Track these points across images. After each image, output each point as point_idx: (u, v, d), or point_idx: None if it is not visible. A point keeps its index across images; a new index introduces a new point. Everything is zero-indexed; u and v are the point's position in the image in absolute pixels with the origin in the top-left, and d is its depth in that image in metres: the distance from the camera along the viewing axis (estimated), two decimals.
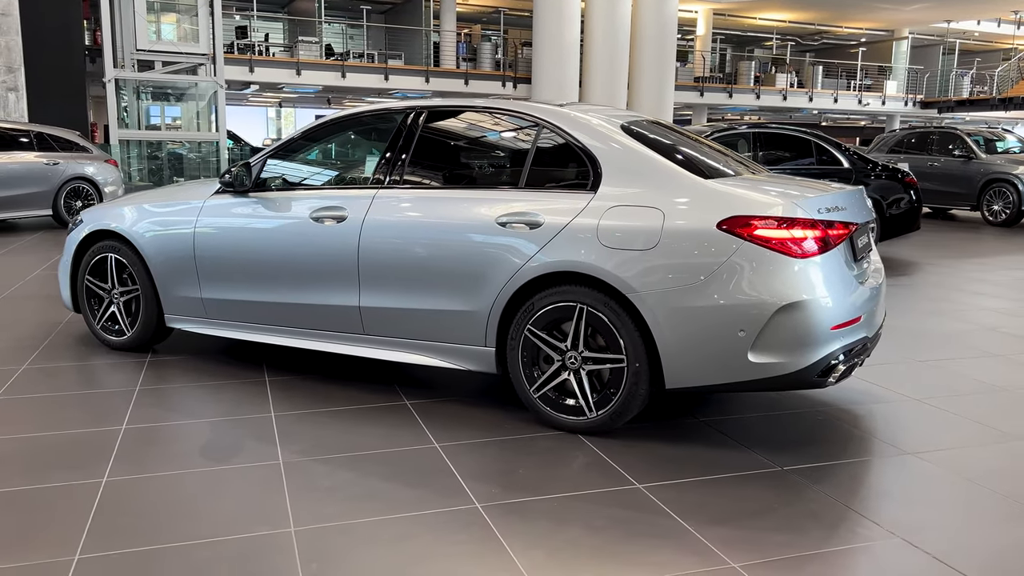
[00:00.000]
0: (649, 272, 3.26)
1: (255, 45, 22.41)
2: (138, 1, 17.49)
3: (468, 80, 23.44)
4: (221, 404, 3.85)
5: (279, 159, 4.34)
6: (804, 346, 3.15)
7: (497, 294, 3.56)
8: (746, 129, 9.08)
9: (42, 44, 17.58)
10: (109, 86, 17.55)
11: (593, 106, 4.13)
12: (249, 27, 23.08)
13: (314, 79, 21.84)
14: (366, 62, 23.17)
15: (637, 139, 3.59)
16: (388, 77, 22.36)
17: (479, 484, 2.97)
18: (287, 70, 21.61)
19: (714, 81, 28.71)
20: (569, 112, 3.74)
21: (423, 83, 22.74)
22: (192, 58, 18.08)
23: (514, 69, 24.25)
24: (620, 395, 3.36)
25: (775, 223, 3.17)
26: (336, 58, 23.19)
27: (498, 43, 25.61)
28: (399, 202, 3.84)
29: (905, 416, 3.84)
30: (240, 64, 21.10)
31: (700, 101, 27.73)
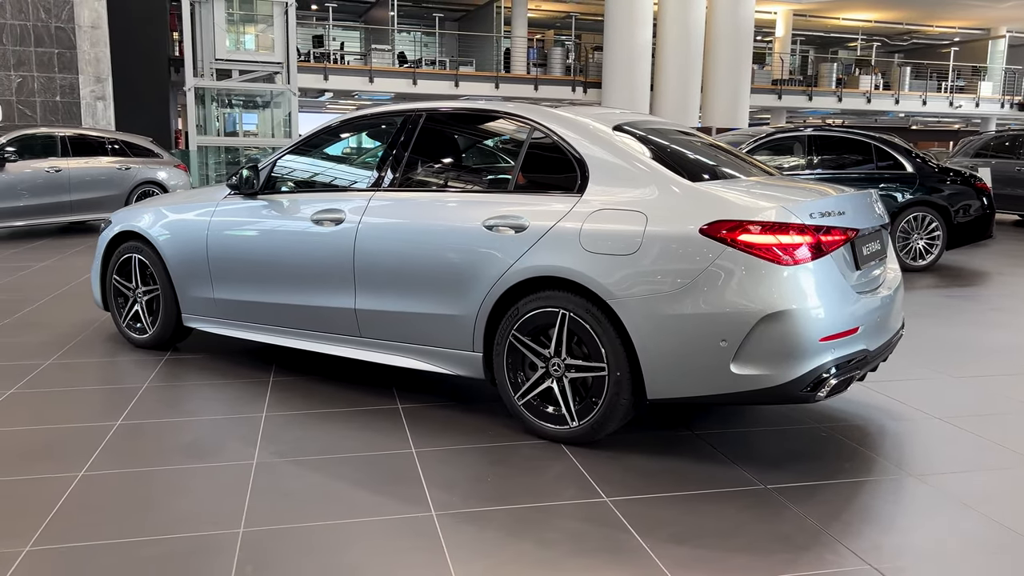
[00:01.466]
0: (630, 278, 3.15)
1: (331, 54, 22.95)
2: (218, 13, 18.14)
3: (538, 85, 23.45)
4: (219, 403, 3.92)
5: (288, 162, 4.40)
6: (790, 358, 2.98)
7: (483, 298, 3.51)
8: (801, 133, 8.76)
9: (129, 55, 18.44)
10: (189, 94, 18.26)
11: (596, 107, 4.04)
12: (326, 36, 23.65)
13: (386, 86, 22.21)
14: (437, 69, 23.43)
15: (628, 141, 3.49)
16: (458, 83, 22.55)
17: (442, 492, 2.92)
18: (360, 78, 22.04)
19: (793, 84, 27.90)
20: (560, 113, 3.66)
21: (493, 89, 22.85)
22: (267, 66, 18.65)
23: (584, 74, 24.13)
24: (601, 405, 3.26)
25: (760, 228, 3.02)
26: (409, 65, 23.55)
27: (569, 48, 25.52)
28: (394, 205, 3.84)
29: (920, 435, 3.61)
30: (315, 72, 21.65)
31: (778, 104, 27.01)
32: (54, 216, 10.66)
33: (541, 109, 3.71)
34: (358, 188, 4.06)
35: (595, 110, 3.91)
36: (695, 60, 22.99)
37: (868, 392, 4.17)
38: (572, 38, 26.36)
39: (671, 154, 3.54)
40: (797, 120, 31.65)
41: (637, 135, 3.61)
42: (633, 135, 3.60)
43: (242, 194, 4.36)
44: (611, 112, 3.90)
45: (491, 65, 24.46)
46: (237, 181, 4.29)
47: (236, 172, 4.31)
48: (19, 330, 5.32)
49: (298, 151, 4.41)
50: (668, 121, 4.33)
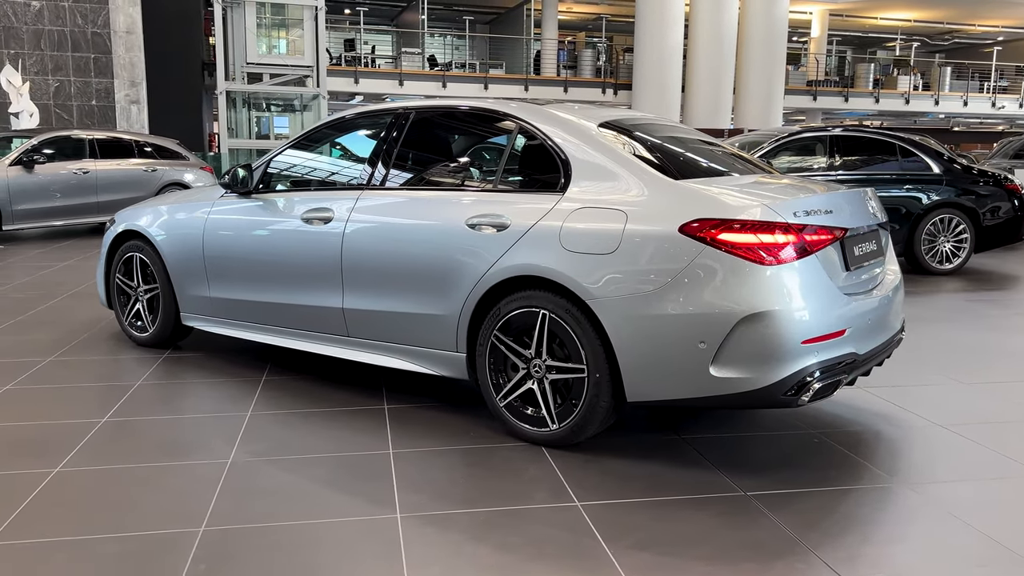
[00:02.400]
0: (609, 277, 3.08)
1: (361, 57, 23.14)
2: (249, 17, 18.37)
3: (567, 88, 23.39)
4: (207, 400, 3.92)
5: (282, 161, 4.40)
6: (770, 361, 2.89)
7: (466, 298, 3.46)
8: (823, 133, 8.57)
9: (163, 59, 18.75)
10: (220, 98, 18.52)
11: (588, 105, 3.98)
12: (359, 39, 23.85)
13: (416, 89, 22.32)
14: (467, 72, 23.48)
15: (613, 138, 3.42)
16: (487, 86, 22.59)
17: (412, 494, 2.88)
18: (390, 80, 22.19)
19: (829, 85, 27.46)
20: (545, 110, 3.61)
21: (522, 91, 22.84)
22: (297, 70, 18.84)
23: (615, 75, 24.00)
24: (581, 407, 3.19)
25: (741, 226, 2.93)
26: (439, 69, 23.64)
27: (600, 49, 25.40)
28: (381, 203, 3.81)
29: (917, 443, 3.48)
30: (346, 76, 21.85)
31: (813, 106, 26.62)
32: (82, 217, 10.86)
33: (526, 106, 3.66)
34: (347, 187, 4.04)
35: (585, 108, 3.85)
36: (727, 61, 22.74)
37: (869, 397, 4.04)
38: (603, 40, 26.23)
39: (657, 152, 3.46)
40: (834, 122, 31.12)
41: (624, 132, 3.54)
42: (620, 132, 3.53)
43: (237, 193, 4.37)
44: (600, 109, 3.83)
45: (521, 68, 24.45)
46: (230, 180, 4.30)
47: (229, 171, 4.32)
48: (28, 327, 5.40)
49: (292, 150, 4.41)
50: (665, 119, 4.25)
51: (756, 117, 23.27)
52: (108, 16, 17.66)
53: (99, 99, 17.78)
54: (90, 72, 17.70)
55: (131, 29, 17.85)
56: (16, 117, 15.25)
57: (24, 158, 10.32)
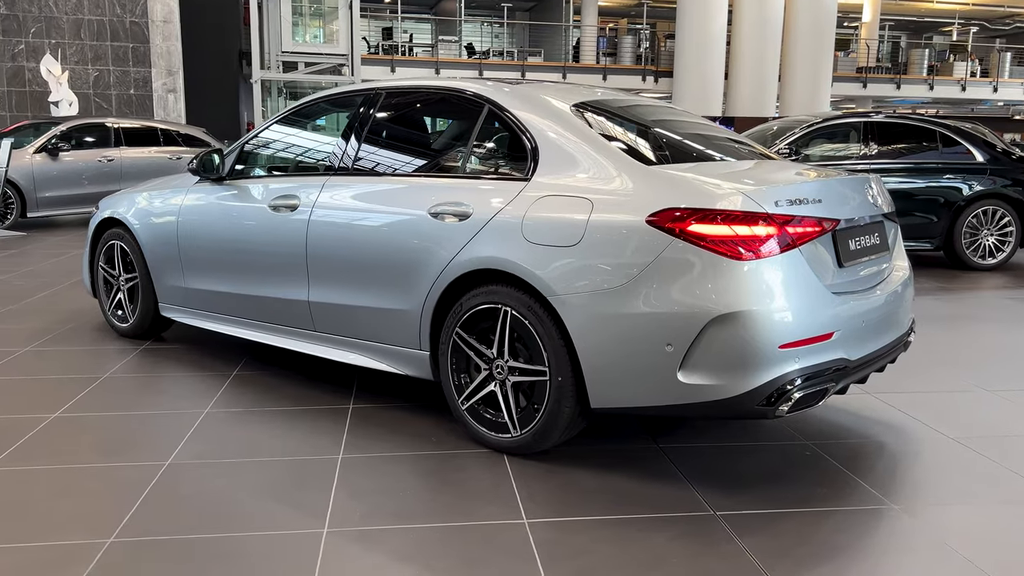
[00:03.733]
0: (571, 272, 2.81)
1: (399, 46, 23.01)
2: (284, 6, 18.35)
3: (606, 75, 22.96)
4: (167, 397, 3.75)
5: (254, 145, 4.21)
6: (743, 367, 2.59)
7: (428, 292, 3.22)
8: (856, 119, 8.11)
9: (200, 48, 18.84)
10: (256, 86, 18.54)
11: (567, 85, 3.69)
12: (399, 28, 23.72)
13: None
14: (504, 60, 23.20)
15: (585, 121, 3.13)
16: (524, 74, 22.26)
17: (347, 506, 2.65)
18: (426, 69, 22.02)
19: (880, 71, 26.51)
20: (514, 90, 3.34)
21: (560, 79, 22.45)
22: (332, 59, 18.76)
23: (656, 63, 23.48)
24: (543, 413, 2.93)
25: (714, 217, 2.63)
26: (477, 57, 23.39)
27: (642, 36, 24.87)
28: (345, 190, 3.58)
29: (923, 459, 3.14)
30: (383, 64, 21.74)
31: (863, 93, 25.72)
32: None
33: (495, 85, 3.39)
34: (314, 172, 3.83)
35: (562, 87, 3.56)
36: (772, 47, 22.03)
37: (878, 405, 3.70)
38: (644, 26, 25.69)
39: (635, 136, 3.18)
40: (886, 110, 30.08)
41: (601, 114, 3.26)
42: (596, 114, 3.24)
43: (210, 179, 4.19)
44: (579, 89, 3.55)
45: (560, 55, 24.09)
46: (197, 165, 4.12)
47: (198, 155, 4.14)
48: (18, 316, 5.32)
49: (266, 133, 4.21)
50: (660, 103, 3.95)
51: (802, 105, 22.53)
52: (146, 5, 17.78)
53: (137, 88, 17.94)
54: (128, 61, 17.86)
55: (168, 18, 17.95)
56: (56, 106, 15.40)
57: (49, 145, 10.38)
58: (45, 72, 15.65)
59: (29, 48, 17.22)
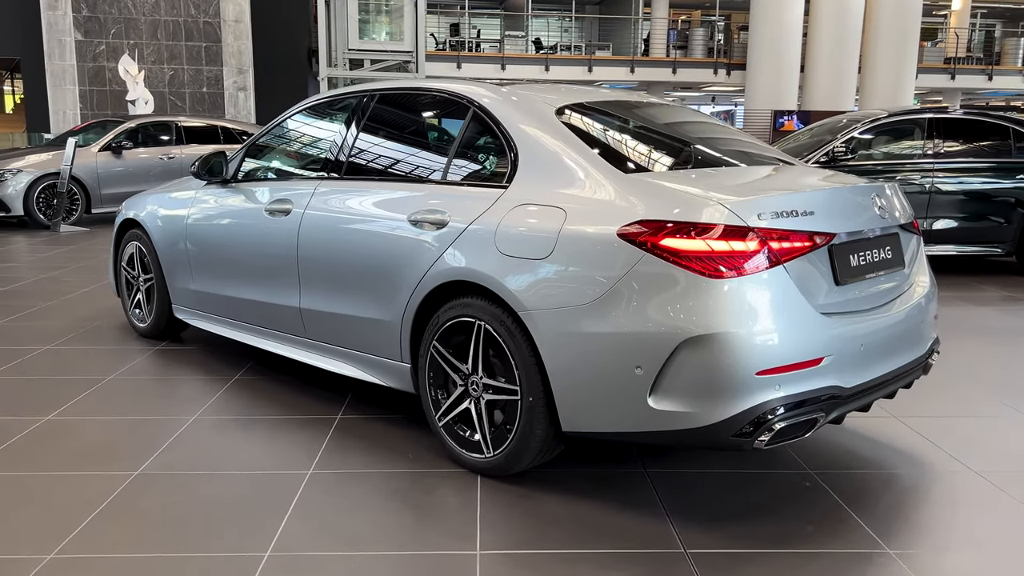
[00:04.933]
0: (541, 286, 2.65)
1: (466, 42, 23.01)
2: (351, 4, 18.53)
3: (676, 69, 22.45)
4: (161, 401, 3.74)
5: (259, 147, 4.17)
6: (717, 394, 2.38)
7: (407, 302, 3.11)
8: (920, 115, 7.62)
9: (270, 47, 19.24)
10: (322, 84, 18.80)
11: (563, 86, 3.51)
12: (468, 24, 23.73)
13: (518, 73, 21.99)
14: (572, 54, 22.94)
15: (568, 124, 2.96)
16: (591, 68, 21.97)
17: (301, 525, 2.56)
18: (492, 65, 21.95)
19: (970, 62, 25.16)
20: (498, 93, 3.18)
21: (628, 73, 22.11)
22: (397, 55, 18.88)
23: (728, 55, 22.82)
24: (514, 434, 2.78)
25: (688, 231, 2.43)
26: (544, 52, 23.20)
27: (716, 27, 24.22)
28: (335, 196, 3.50)
29: (936, 495, 2.86)
30: (449, 61, 21.77)
31: (950, 85, 24.46)
32: None
33: (481, 87, 3.24)
34: (308, 177, 3.76)
35: (558, 89, 3.39)
36: (852, 38, 21.10)
37: (900, 430, 3.41)
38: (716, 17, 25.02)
39: (621, 141, 2.99)
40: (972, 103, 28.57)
41: (588, 118, 3.08)
42: (585, 117, 3.07)
43: (217, 182, 4.18)
44: (575, 91, 3.37)
45: (629, 49, 23.68)
46: (197, 168, 4.10)
47: (200, 157, 4.12)
48: (52, 312, 5.45)
49: (271, 135, 4.16)
50: (669, 103, 3.72)
51: (884, 99, 21.56)
52: (219, 5, 18.24)
53: (209, 86, 18.43)
54: (201, 60, 18.36)
55: (239, 18, 18.37)
56: (133, 104, 15.93)
57: (113, 144, 10.70)
58: (123, 72, 16.18)
59: (109, 48, 17.87)
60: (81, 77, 17.93)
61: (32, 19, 17.78)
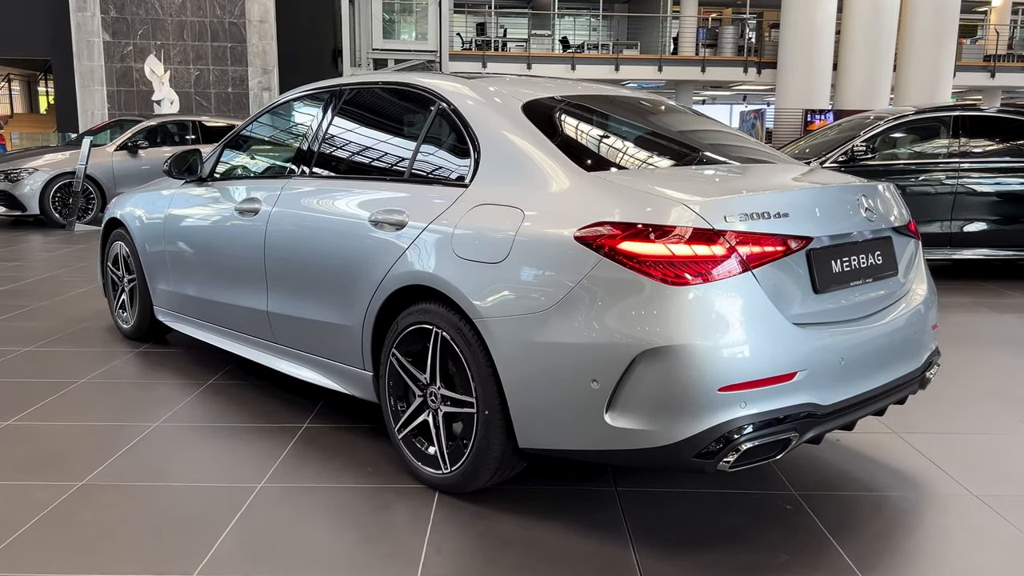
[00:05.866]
0: (496, 292, 2.47)
1: (492, 41, 22.87)
2: (375, 4, 18.51)
3: (705, 67, 22.08)
4: (126, 407, 3.62)
5: (236, 144, 4.05)
6: (677, 411, 2.18)
7: (367, 306, 2.95)
8: (946, 113, 7.28)
9: (295, 47, 19.26)
10: None
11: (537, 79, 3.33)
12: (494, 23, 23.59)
13: (544, 72, 21.76)
14: (599, 53, 22.69)
15: (534, 119, 2.77)
16: (618, 67, 21.70)
17: (235, 547, 2.41)
18: (518, 64, 21.77)
19: (1012, 59, 24.43)
20: (464, 85, 3.01)
21: (655, 72, 21.80)
22: (421, 55, 18.81)
23: (759, 53, 22.41)
24: (471, 450, 2.60)
25: (647, 233, 2.24)
26: (572, 51, 22.98)
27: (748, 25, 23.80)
28: (300, 194, 3.35)
29: (927, 521, 2.63)
30: (474, 60, 21.66)
31: (990, 83, 23.78)
32: None
33: (448, 81, 3.07)
34: (277, 175, 3.62)
35: (530, 82, 3.20)
36: (887, 35, 20.58)
37: (900, 448, 3.18)
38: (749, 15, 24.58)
39: (590, 137, 2.80)
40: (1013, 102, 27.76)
41: (556, 113, 2.89)
42: (552, 113, 2.88)
43: (194, 181, 4.06)
44: (548, 84, 3.18)
45: (657, 48, 23.36)
46: (168, 166, 3.98)
47: (172, 155, 4.01)
48: (42, 313, 5.39)
49: (248, 132, 4.04)
50: (654, 97, 3.52)
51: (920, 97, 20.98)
52: (244, 6, 18.30)
53: (234, 86, 18.50)
54: (227, 60, 18.44)
55: (264, 18, 18.42)
56: (158, 104, 16.02)
57: (129, 143, 10.72)
58: (148, 72, 16.27)
59: (136, 49, 18.02)
60: (109, 78, 18.11)
61: (62, 21, 18.00)
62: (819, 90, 20.62)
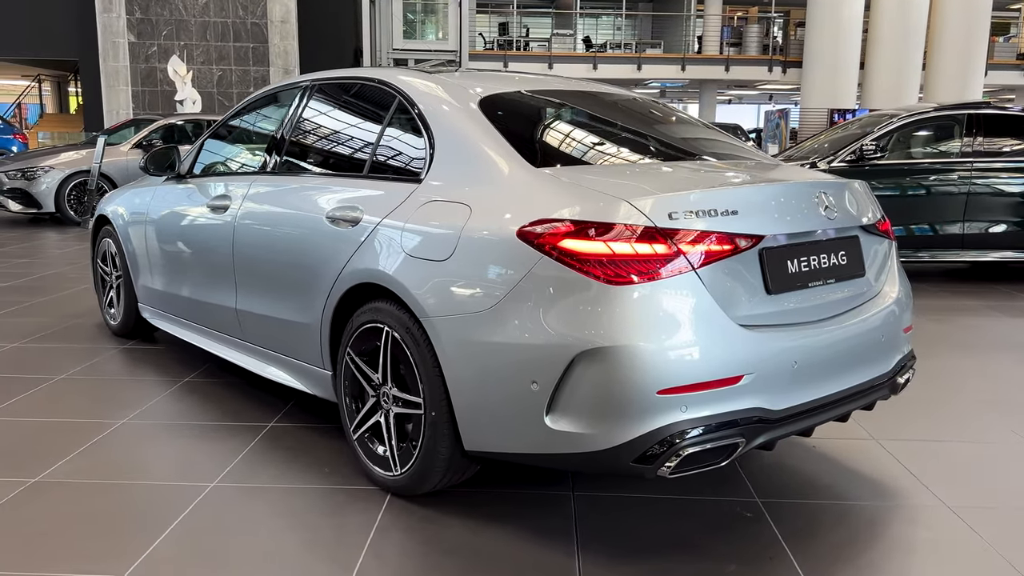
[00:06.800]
0: (442, 290, 2.42)
1: (514, 41, 22.82)
2: (396, 4, 18.54)
3: (729, 66, 21.84)
4: (96, 404, 3.60)
5: (213, 141, 4.03)
6: (615, 415, 2.11)
7: (324, 304, 2.91)
8: (959, 112, 7.08)
9: (316, 47, 19.36)
10: None
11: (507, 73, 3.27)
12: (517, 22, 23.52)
13: (566, 72, 21.67)
14: (621, 52, 22.54)
15: (490, 113, 2.70)
16: (641, 67, 21.53)
17: (172, 548, 2.37)
18: (540, 64, 21.71)
19: None
20: (424, 79, 2.95)
21: (678, 71, 21.60)
22: (441, 55, 18.81)
23: (784, 52, 22.11)
24: (419, 452, 2.55)
25: (587, 231, 2.16)
26: (594, 50, 22.85)
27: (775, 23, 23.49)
28: (266, 191, 3.33)
29: (892, 532, 2.52)
30: (495, 60, 21.64)
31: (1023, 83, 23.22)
32: None
33: (408, 75, 3.02)
34: (247, 172, 3.60)
35: (498, 76, 3.14)
36: (916, 33, 20.20)
37: (877, 455, 3.07)
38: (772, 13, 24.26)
39: (545, 133, 2.74)
40: None
41: (516, 108, 2.83)
42: (510, 107, 2.82)
43: (173, 177, 4.06)
44: (512, 79, 3.11)
45: (681, 47, 23.15)
46: (144, 163, 3.98)
47: (149, 152, 4.00)
48: (38, 308, 5.43)
49: (224, 129, 4.02)
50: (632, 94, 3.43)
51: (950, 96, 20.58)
52: (266, 6, 18.44)
53: (256, 86, 18.61)
54: (248, 61, 18.60)
55: (286, 18, 18.55)
56: (181, 104, 16.19)
57: (144, 142, 10.82)
58: (171, 72, 16.44)
59: (160, 50, 18.23)
60: (134, 78, 18.35)
61: (89, 22, 18.26)
62: (845, 89, 20.29)
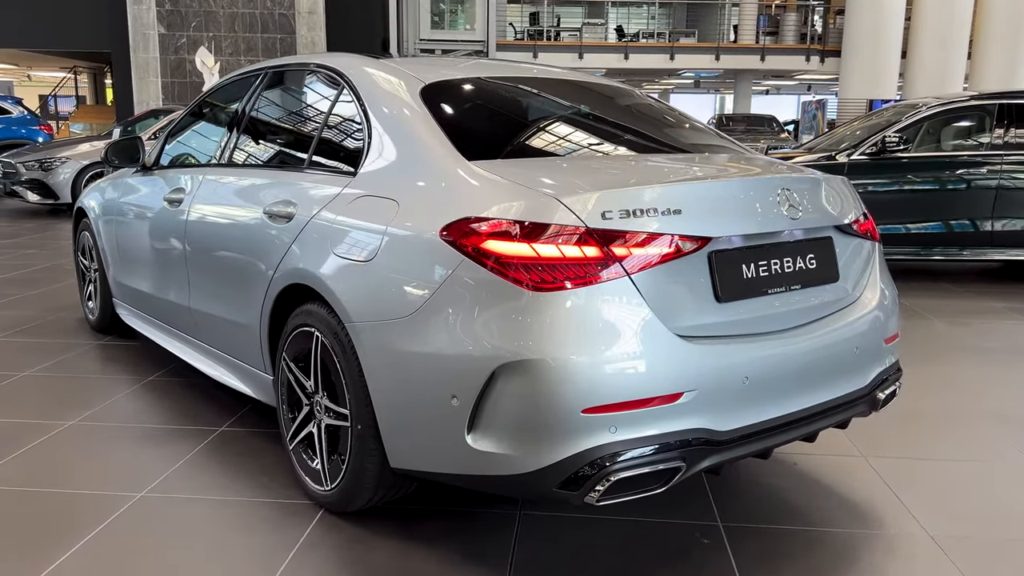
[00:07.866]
0: (366, 294, 2.23)
1: (545, 30, 22.53)
2: None
3: (764, 56, 21.31)
4: (49, 404, 3.48)
5: (178, 131, 3.90)
6: (535, 435, 1.90)
7: (261, 305, 2.74)
8: (989, 101, 6.69)
9: (344, 37, 19.29)
10: None
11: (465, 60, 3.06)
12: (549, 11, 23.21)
13: (597, 62, 21.37)
14: (653, 42, 22.12)
15: (430, 103, 2.50)
16: (673, 56, 21.11)
17: (75, 566, 2.23)
18: (570, 54, 21.40)
19: None
20: (368, 65, 2.76)
21: (712, 61, 21.14)
22: (468, 45, 18.63)
23: (823, 41, 21.50)
24: (347, 467, 2.37)
25: (510, 232, 1.95)
26: (626, 40, 22.46)
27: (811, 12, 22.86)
28: (216, 184, 3.18)
29: (864, 562, 2.28)
30: (524, 50, 21.36)
31: None
32: None
33: (354, 60, 2.84)
34: (200, 164, 3.46)
35: (454, 63, 2.94)
36: (961, 20, 19.47)
37: (863, 475, 2.82)
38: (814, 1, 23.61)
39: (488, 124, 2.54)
40: None
41: (458, 96, 2.63)
42: (456, 96, 2.62)
43: (139, 169, 3.94)
44: (463, 65, 2.91)
45: (715, 36, 22.65)
46: (106, 155, 3.85)
47: (110, 143, 3.88)
48: (25, 302, 5.37)
49: (189, 118, 3.88)
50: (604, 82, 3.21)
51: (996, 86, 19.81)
52: None
53: None
54: (276, 52, 18.58)
55: (313, 9, 18.50)
56: None
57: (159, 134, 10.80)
58: (199, 64, 16.55)
59: (190, 41, 18.31)
60: (164, 69, 18.45)
61: (120, 14, 18.40)
62: (886, 79, 19.65)
